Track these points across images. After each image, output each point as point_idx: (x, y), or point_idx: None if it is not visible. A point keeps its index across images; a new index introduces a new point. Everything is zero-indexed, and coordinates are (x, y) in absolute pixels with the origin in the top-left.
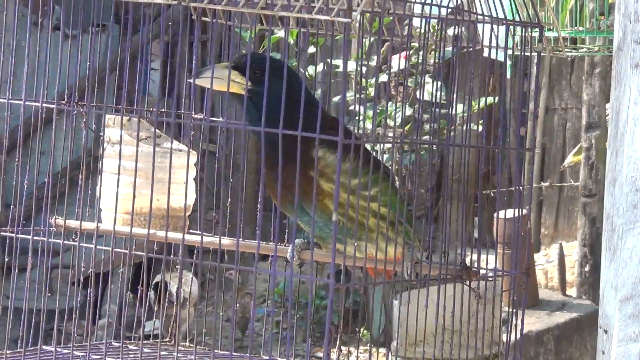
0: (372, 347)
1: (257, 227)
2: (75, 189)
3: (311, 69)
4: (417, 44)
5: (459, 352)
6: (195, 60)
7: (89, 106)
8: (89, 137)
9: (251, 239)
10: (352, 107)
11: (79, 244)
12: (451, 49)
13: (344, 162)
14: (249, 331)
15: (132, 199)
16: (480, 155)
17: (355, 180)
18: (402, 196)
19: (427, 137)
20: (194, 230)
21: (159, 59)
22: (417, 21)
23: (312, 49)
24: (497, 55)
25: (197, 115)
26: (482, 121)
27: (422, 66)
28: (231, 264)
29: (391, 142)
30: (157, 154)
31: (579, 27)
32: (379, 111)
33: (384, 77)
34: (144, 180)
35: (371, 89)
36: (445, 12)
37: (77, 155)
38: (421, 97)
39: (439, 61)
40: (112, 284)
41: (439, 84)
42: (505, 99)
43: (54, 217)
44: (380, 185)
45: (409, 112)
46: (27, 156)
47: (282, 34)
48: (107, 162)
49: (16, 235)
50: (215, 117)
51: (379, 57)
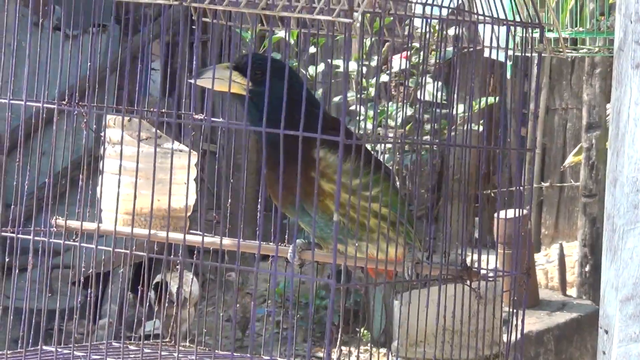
0: (372, 347)
1: (257, 227)
2: (75, 189)
3: (311, 69)
4: (417, 45)
5: (459, 352)
6: (195, 60)
7: (90, 106)
8: (90, 138)
9: (251, 239)
10: (353, 107)
11: (80, 244)
12: (452, 49)
13: (345, 162)
14: (250, 331)
15: (134, 200)
16: (480, 155)
17: (356, 180)
18: (402, 197)
19: (428, 137)
20: (194, 230)
21: (160, 59)
22: (418, 21)
23: (312, 49)
24: (498, 55)
25: (198, 115)
26: (483, 121)
27: (423, 66)
28: (231, 264)
29: (392, 142)
30: (157, 155)
31: (579, 28)
32: (380, 111)
33: (385, 78)
34: (144, 180)
35: (372, 89)
36: (445, 12)
37: (78, 155)
38: (422, 97)
39: (440, 61)
40: (112, 284)
41: (440, 84)
42: (505, 99)
43: (55, 218)
44: (381, 185)
45: (410, 112)
46: (28, 156)
47: (283, 34)
48: (107, 163)
49: (17, 235)
50: (215, 117)
51: (379, 58)
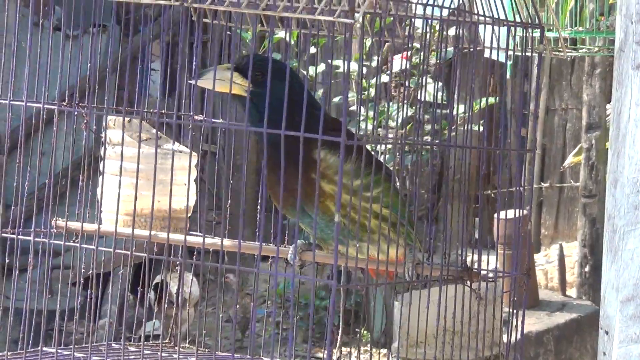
0: (372, 348)
1: (257, 227)
2: (75, 190)
3: (312, 69)
4: (417, 45)
5: (459, 353)
6: (195, 61)
7: (90, 107)
8: (90, 138)
9: (251, 240)
10: (352, 108)
11: (80, 245)
12: (452, 49)
13: (346, 163)
14: (250, 332)
15: (134, 200)
16: (481, 156)
17: (357, 181)
18: (403, 198)
19: (428, 137)
20: (194, 231)
21: (160, 60)
22: (418, 22)
23: (312, 50)
24: (498, 56)
25: (198, 116)
26: (483, 122)
27: (423, 67)
28: (231, 265)
29: (392, 142)
30: (157, 156)
31: (579, 28)
32: (379, 112)
33: (385, 78)
34: (144, 181)
35: (371, 90)
36: (445, 13)
37: (78, 156)
38: (422, 97)
39: (440, 62)
40: (112, 285)
41: (440, 85)
42: (505, 99)
43: (55, 219)
44: (382, 186)
45: (410, 112)
46: (28, 157)
47: (283, 35)
48: (107, 164)
49: (17, 236)
50: (215, 118)
51: (379, 58)
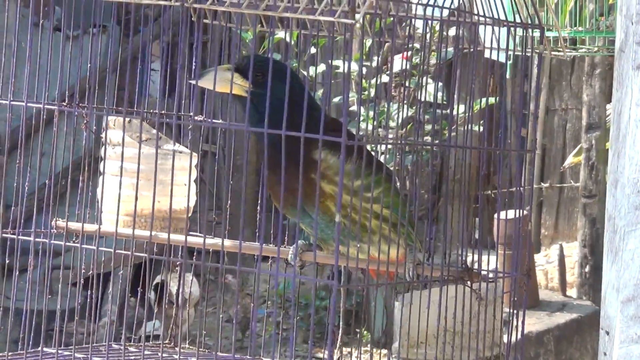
0: (372, 348)
1: (257, 228)
2: (76, 190)
3: (311, 69)
4: (417, 45)
5: (460, 353)
6: (195, 61)
7: (91, 107)
8: (90, 139)
9: (251, 240)
10: (352, 108)
11: (81, 246)
12: (452, 49)
13: (346, 163)
14: (250, 332)
15: (135, 201)
16: (481, 156)
17: (357, 182)
18: (403, 198)
19: (428, 138)
20: (194, 231)
21: (160, 60)
22: (418, 22)
23: (312, 50)
24: (498, 56)
25: (198, 117)
26: (483, 122)
27: (422, 67)
28: (231, 265)
29: (392, 143)
30: (157, 156)
31: (579, 28)
32: (379, 112)
33: (385, 78)
34: (144, 181)
35: (371, 90)
36: (445, 13)
37: (78, 156)
38: (421, 97)
39: (440, 62)
40: (112, 285)
41: (440, 85)
42: (505, 99)
43: (55, 219)
44: (382, 186)
45: (410, 113)
46: (28, 157)
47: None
48: (107, 164)
49: (17, 236)
50: (215, 118)
51: (379, 58)
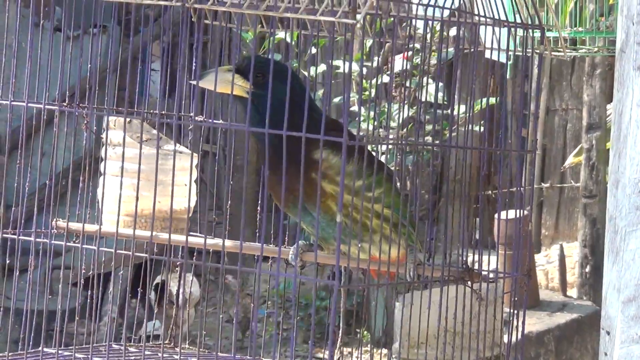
0: (373, 349)
1: (257, 228)
2: (76, 190)
3: (312, 69)
4: (418, 46)
5: (460, 354)
6: (195, 62)
7: (91, 108)
8: (90, 139)
9: (251, 241)
10: (353, 108)
11: (82, 246)
12: (453, 50)
13: (347, 164)
14: (251, 333)
15: (136, 201)
16: (481, 156)
17: (358, 181)
18: (404, 198)
19: (429, 138)
20: (194, 231)
21: (160, 60)
22: (419, 23)
23: (312, 50)
24: (499, 56)
25: (198, 117)
26: (483, 122)
27: (422, 67)
28: (231, 265)
29: (393, 143)
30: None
31: (579, 28)
32: (380, 112)
33: (385, 78)
34: (145, 182)
35: (372, 90)
36: (446, 13)
37: (78, 156)
38: (420, 97)
39: (440, 63)
40: (113, 286)
41: (440, 85)
42: (505, 99)
43: (55, 219)
44: (383, 186)
45: (410, 113)
46: (29, 157)
47: (283, 36)
48: (108, 164)
49: (18, 237)
50: (215, 118)
51: (379, 59)
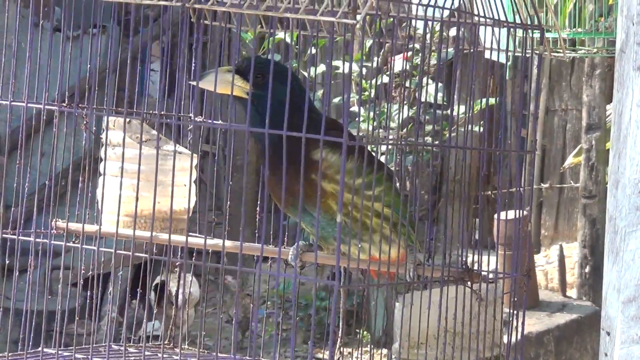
0: (372, 349)
1: (256, 228)
2: (76, 190)
3: (311, 70)
4: (417, 46)
5: (460, 354)
6: (194, 62)
7: (91, 108)
8: (90, 139)
9: (250, 241)
10: (352, 109)
11: (81, 246)
12: (452, 50)
13: (347, 162)
14: (251, 333)
15: (135, 202)
16: (481, 156)
17: (358, 180)
18: (404, 198)
19: (429, 138)
20: (193, 231)
21: (160, 61)
22: (419, 23)
23: (312, 50)
24: (499, 57)
25: (198, 117)
26: (483, 122)
27: (422, 67)
28: (231, 265)
29: (392, 143)
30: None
31: (578, 29)
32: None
33: (385, 79)
34: (144, 182)
35: (371, 90)
36: (445, 14)
37: (78, 156)
38: (421, 98)
39: (440, 63)
40: (112, 286)
41: (440, 86)
42: (505, 100)
43: (55, 220)
44: (383, 184)
45: (410, 113)
46: (28, 157)
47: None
48: (107, 165)
49: (17, 237)
50: (214, 119)
51: (379, 59)
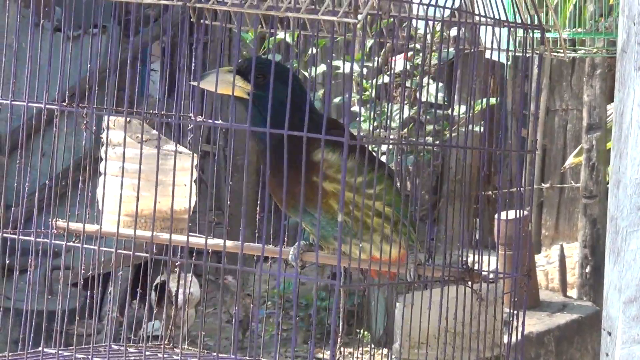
0: (373, 349)
1: (256, 228)
2: (76, 190)
3: (311, 70)
4: (418, 46)
5: (460, 354)
6: (194, 62)
7: (91, 108)
8: (90, 139)
9: (250, 241)
10: (353, 108)
11: (82, 246)
12: (453, 50)
13: (347, 161)
14: (251, 333)
15: (136, 201)
16: (481, 156)
17: (359, 178)
18: (404, 198)
19: (429, 138)
20: (192, 231)
21: (160, 61)
22: (419, 23)
23: (313, 50)
24: (499, 57)
25: (198, 117)
26: (483, 122)
27: (422, 67)
28: (231, 265)
29: (393, 143)
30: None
31: (579, 29)
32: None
33: (385, 79)
34: (144, 182)
35: (371, 90)
36: (446, 13)
37: (78, 156)
38: (421, 98)
39: (441, 63)
40: (113, 286)
41: (440, 86)
42: (505, 100)
43: (55, 219)
44: (384, 183)
45: (410, 113)
46: (29, 157)
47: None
48: (108, 165)
49: (18, 237)
50: (215, 119)
51: (379, 59)
